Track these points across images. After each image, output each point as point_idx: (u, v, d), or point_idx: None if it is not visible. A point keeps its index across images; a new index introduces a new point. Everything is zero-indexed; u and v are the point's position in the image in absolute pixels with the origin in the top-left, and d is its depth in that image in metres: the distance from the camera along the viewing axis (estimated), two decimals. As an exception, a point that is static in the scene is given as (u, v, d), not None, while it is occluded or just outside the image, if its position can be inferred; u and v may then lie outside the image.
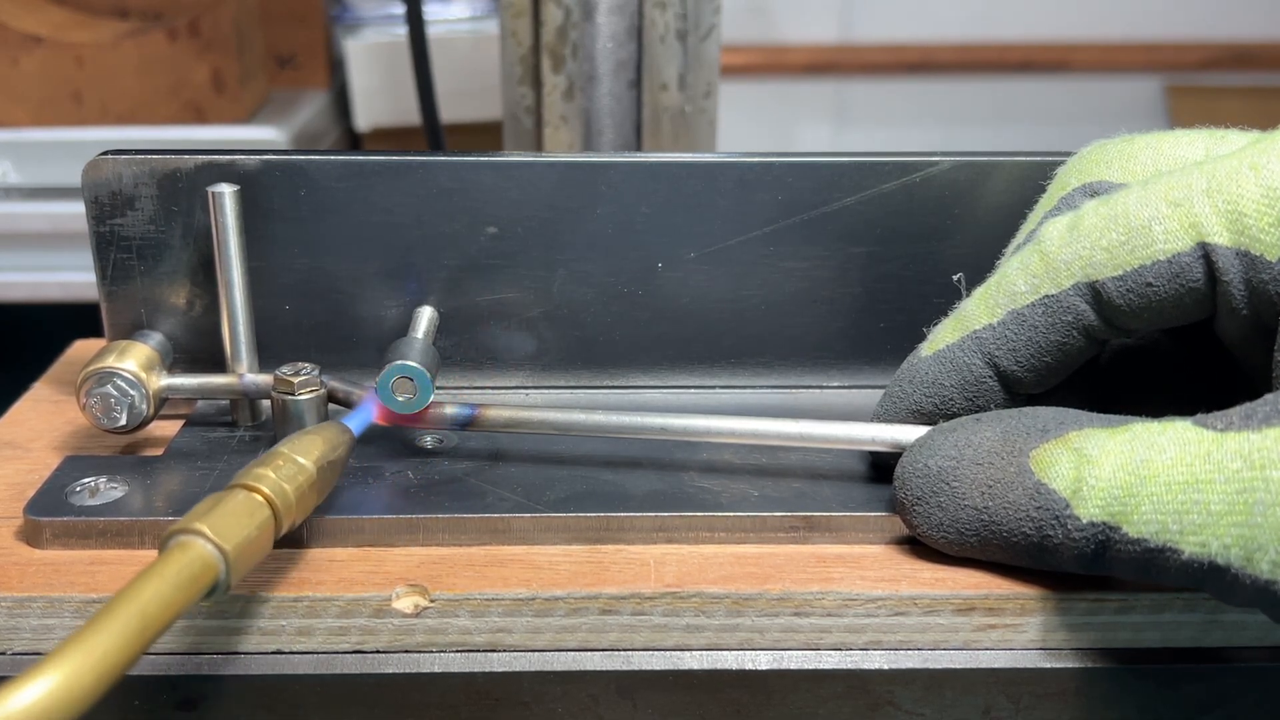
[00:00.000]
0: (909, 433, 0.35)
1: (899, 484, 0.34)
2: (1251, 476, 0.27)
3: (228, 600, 0.32)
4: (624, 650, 0.34)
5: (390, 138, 1.12)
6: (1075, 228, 0.33)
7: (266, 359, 0.40)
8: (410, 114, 0.79)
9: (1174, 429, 0.29)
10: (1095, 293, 0.33)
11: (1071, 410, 0.33)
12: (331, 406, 0.39)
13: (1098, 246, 0.33)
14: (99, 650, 0.24)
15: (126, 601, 0.26)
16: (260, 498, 0.30)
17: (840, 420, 0.36)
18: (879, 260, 0.41)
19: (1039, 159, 0.40)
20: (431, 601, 0.33)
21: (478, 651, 0.33)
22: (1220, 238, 0.31)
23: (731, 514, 0.35)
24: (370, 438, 0.39)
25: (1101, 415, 0.32)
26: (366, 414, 0.37)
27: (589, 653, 0.33)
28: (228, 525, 0.29)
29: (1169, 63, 1.69)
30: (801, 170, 0.40)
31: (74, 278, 1.00)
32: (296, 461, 0.32)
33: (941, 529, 0.33)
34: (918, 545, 0.35)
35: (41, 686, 0.23)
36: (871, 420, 0.37)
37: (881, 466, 0.37)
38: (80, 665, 0.24)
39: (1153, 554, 0.29)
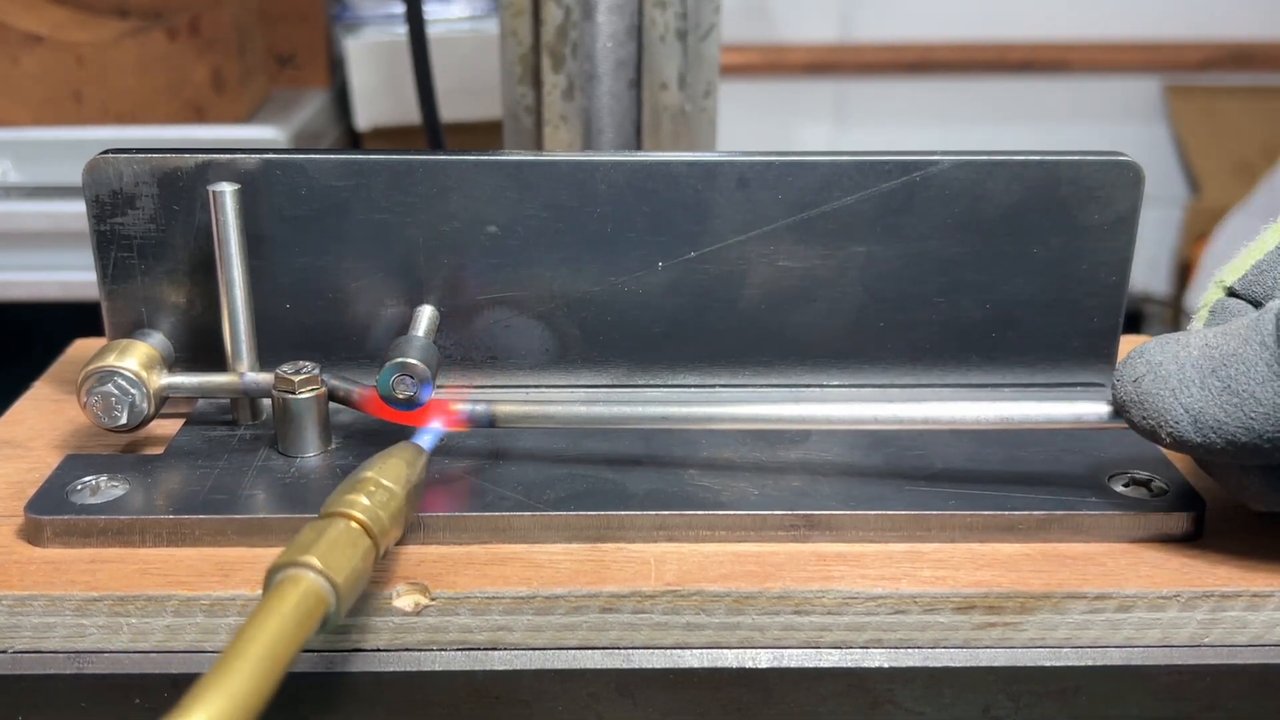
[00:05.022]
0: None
1: (1117, 384, 0.33)
2: None
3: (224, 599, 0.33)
4: (624, 648, 0.34)
5: (390, 137, 1.12)
6: None
7: (267, 358, 0.40)
8: (410, 113, 0.79)
9: None
10: None
11: None
12: (334, 406, 0.39)
13: None
14: (239, 693, 0.24)
15: (255, 642, 0.26)
16: (358, 526, 0.30)
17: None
18: (879, 260, 0.41)
19: (1039, 159, 0.40)
20: (432, 600, 0.33)
21: (478, 650, 0.33)
22: None
23: (732, 512, 0.35)
24: (371, 435, 0.39)
25: None
26: (436, 432, 0.37)
27: (589, 651, 0.33)
28: (336, 557, 0.29)
29: (1169, 63, 1.69)
30: (801, 170, 0.40)
31: (74, 277, 1.00)
32: (386, 487, 0.32)
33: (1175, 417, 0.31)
34: (917, 544, 0.35)
35: None
36: None
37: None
38: (222, 709, 0.24)
39: None
